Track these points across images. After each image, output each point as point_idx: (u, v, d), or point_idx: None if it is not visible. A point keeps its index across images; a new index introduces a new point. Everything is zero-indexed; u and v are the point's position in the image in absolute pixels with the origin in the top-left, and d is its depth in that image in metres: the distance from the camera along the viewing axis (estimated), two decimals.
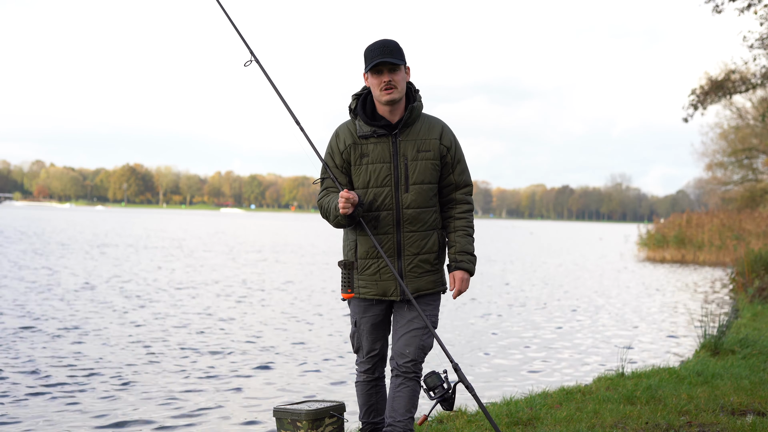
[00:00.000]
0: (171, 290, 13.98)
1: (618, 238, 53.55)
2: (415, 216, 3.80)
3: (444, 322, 10.95)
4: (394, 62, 3.72)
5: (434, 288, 3.88)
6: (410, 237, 3.81)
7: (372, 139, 3.80)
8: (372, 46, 3.78)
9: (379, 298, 3.87)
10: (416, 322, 3.82)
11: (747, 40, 19.51)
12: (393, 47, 3.75)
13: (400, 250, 3.81)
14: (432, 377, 3.78)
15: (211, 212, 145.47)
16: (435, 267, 3.88)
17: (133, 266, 18.82)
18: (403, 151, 3.79)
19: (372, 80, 3.78)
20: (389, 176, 3.78)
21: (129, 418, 5.62)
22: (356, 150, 3.81)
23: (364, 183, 3.81)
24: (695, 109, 25.77)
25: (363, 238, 3.84)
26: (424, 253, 3.83)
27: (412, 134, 3.81)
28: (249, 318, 10.88)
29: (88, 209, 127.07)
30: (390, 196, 3.79)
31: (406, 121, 3.80)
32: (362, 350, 4.02)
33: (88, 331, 9.18)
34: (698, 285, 19.01)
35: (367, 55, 3.77)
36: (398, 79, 3.75)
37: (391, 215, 3.79)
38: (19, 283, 14.02)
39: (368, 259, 3.84)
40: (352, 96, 3.90)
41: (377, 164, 3.79)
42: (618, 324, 11.57)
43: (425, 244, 3.83)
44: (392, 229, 3.80)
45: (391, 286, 3.83)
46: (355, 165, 3.82)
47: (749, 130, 41.34)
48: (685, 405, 5.35)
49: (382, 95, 3.75)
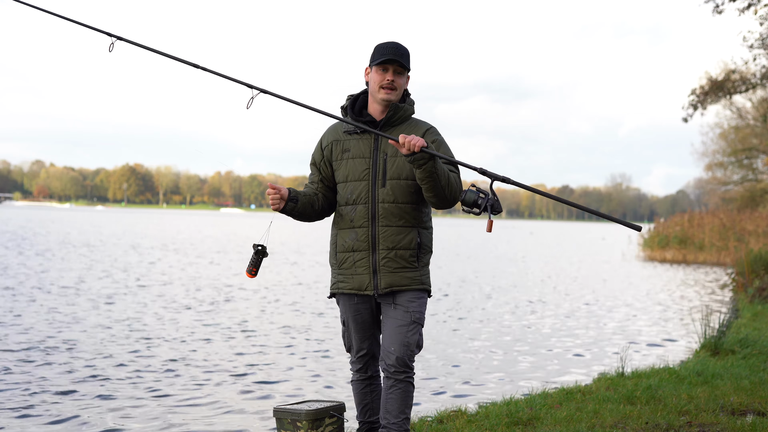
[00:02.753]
0: (170, 290, 13.98)
1: (621, 238, 53.53)
2: (390, 211, 3.82)
3: (442, 318, 10.95)
4: (403, 64, 3.82)
5: (410, 285, 3.85)
6: (385, 231, 3.83)
7: (355, 135, 3.90)
8: (385, 43, 3.87)
9: (355, 293, 3.90)
10: (399, 320, 3.83)
11: (747, 40, 19.53)
12: (404, 52, 3.86)
13: (375, 243, 3.84)
14: (468, 194, 3.63)
15: (211, 212, 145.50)
16: (412, 264, 3.86)
17: (135, 266, 18.82)
18: (383, 148, 3.85)
19: (375, 75, 3.84)
20: (367, 170, 3.86)
21: (128, 418, 5.63)
22: (338, 146, 3.93)
23: (344, 177, 3.90)
24: (695, 109, 25.78)
25: (342, 231, 3.93)
26: (399, 249, 3.83)
27: (395, 133, 3.85)
28: (248, 318, 10.87)
29: (88, 209, 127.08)
30: (366, 190, 3.85)
31: (389, 119, 3.86)
32: (353, 349, 4.06)
33: (78, 332, 9.18)
34: (699, 285, 19.01)
35: (378, 50, 3.85)
36: (400, 82, 3.85)
37: (367, 209, 3.84)
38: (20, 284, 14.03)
39: (345, 253, 3.91)
40: (347, 97, 3.99)
41: (357, 159, 3.88)
42: (618, 323, 11.57)
43: (401, 239, 3.84)
44: (367, 223, 3.85)
45: (365, 280, 3.86)
46: (337, 160, 3.93)
47: (749, 130, 41.35)
48: (685, 405, 5.36)
49: (380, 93, 3.83)
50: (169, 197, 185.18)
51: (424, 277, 3.91)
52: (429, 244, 3.96)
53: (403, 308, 3.84)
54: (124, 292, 13.25)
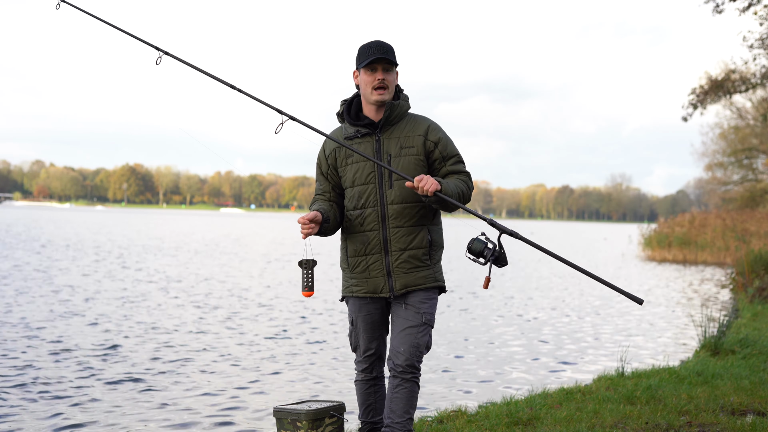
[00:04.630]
0: (170, 289, 13.99)
1: (621, 238, 53.52)
2: (400, 211, 3.81)
3: (443, 320, 10.95)
4: (390, 60, 3.80)
5: (425, 284, 3.85)
6: (396, 233, 3.82)
7: (356, 139, 3.86)
8: (367, 44, 3.84)
9: (371, 296, 3.89)
10: (410, 321, 3.82)
11: (747, 40, 19.54)
12: (388, 47, 3.83)
13: (387, 246, 3.83)
14: (475, 243, 3.64)
15: (211, 212, 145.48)
16: (425, 263, 3.86)
17: (137, 265, 18.83)
18: (386, 149, 3.83)
19: (364, 77, 3.82)
20: (372, 173, 3.83)
21: (128, 417, 5.63)
22: (341, 151, 3.90)
23: (350, 182, 3.88)
24: (695, 108, 25.81)
25: (352, 236, 3.91)
26: (411, 249, 3.83)
27: (395, 132, 3.85)
28: (248, 317, 10.87)
29: (88, 209, 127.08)
30: (374, 193, 3.83)
31: (387, 118, 3.84)
32: (359, 349, 4.04)
33: (80, 329, 9.19)
34: (699, 285, 19.01)
35: (362, 52, 3.83)
36: (390, 79, 3.83)
37: (376, 212, 3.82)
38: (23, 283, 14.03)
39: (357, 257, 3.89)
40: (341, 102, 3.97)
41: (361, 162, 3.85)
42: (618, 323, 11.56)
43: (412, 239, 3.83)
44: (378, 226, 3.83)
45: (380, 283, 3.85)
46: (341, 166, 3.91)
47: (749, 130, 41.39)
48: (685, 405, 5.36)
49: (372, 94, 3.81)
50: (169, 197, 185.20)
51: (437, 274, 3.91)
52: (440, 240, 3.96)
53: (414, 309, 3.83)
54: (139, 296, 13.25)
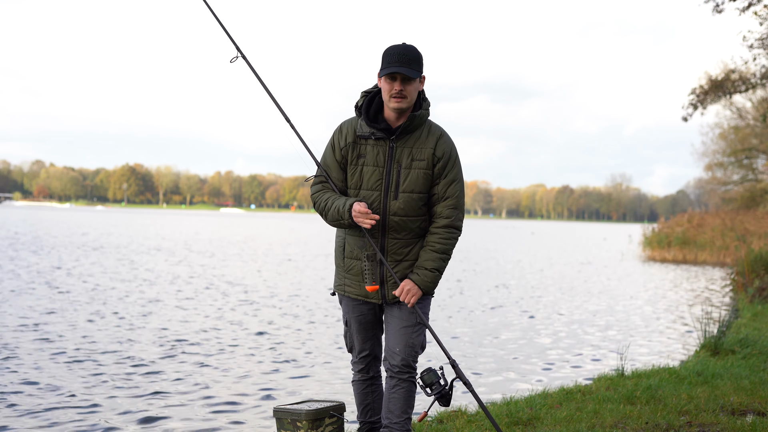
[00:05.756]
0: (171, 289, 13.99)
1: (622, 238, 53.56)
2: (400, 224, 3.78)
3: (443, 319, 10.94)
4: (410, 75, 3.66)
5: None
6: (394, 244, 3.80)
7: (370, 141, 3.78)
8: (392, 50, 3.70)
9: (362, 299, 3.90)
10: (405, 321, 3.82)
11: (747, 40, 19.53)
12: (412, 57, 3.69)
13: (384, 255, 3.81)
14: (428, 374, 3.76)
15: (212, 212, 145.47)
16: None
17: (138, 265, 18.83)
18: (398, 158, 3.76)
19: (384, 85, 3.72)
20: (380, 181, 3.77)
21: (127, 417, 5.63)
22: (355, 149, 3.80)
23: (356, 184, 3.80)
24: (695, 108, 25.82)
25: (350, 237, 3.87)
26: (407, 260, 3.83)
27: (409, 141, 3.77)
28: (248, 317, 10.87)
29: (89, 209, 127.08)
30: (378, 201, 3.77)
31: (405, 128, 3.75)
32: (355, 350, 4.05)
33: (80, 329, 9.18)
34: (699, 285, 19.01)
35: (385, 58, 3.71)
36: (410, 89, 3.70)
37: (377, 220, 3.75)
38: None
39: (353, 260, 3.87)
40: (361, 93, 3.86)
41: (371, 167, 3.77)
42: (618, 323, 11.56)
43: (408, 251, 3.82)
44: (377, 234, 3.80)
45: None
46: (351, 164, 3.81)
47: (749, 130, 41.37)
48: (685, 405, 5.36)
49: (390, 102, 3.71)
50: (169, 197, 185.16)
51: None
52: None
53: (408, 309, 3.83)
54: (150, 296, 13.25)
